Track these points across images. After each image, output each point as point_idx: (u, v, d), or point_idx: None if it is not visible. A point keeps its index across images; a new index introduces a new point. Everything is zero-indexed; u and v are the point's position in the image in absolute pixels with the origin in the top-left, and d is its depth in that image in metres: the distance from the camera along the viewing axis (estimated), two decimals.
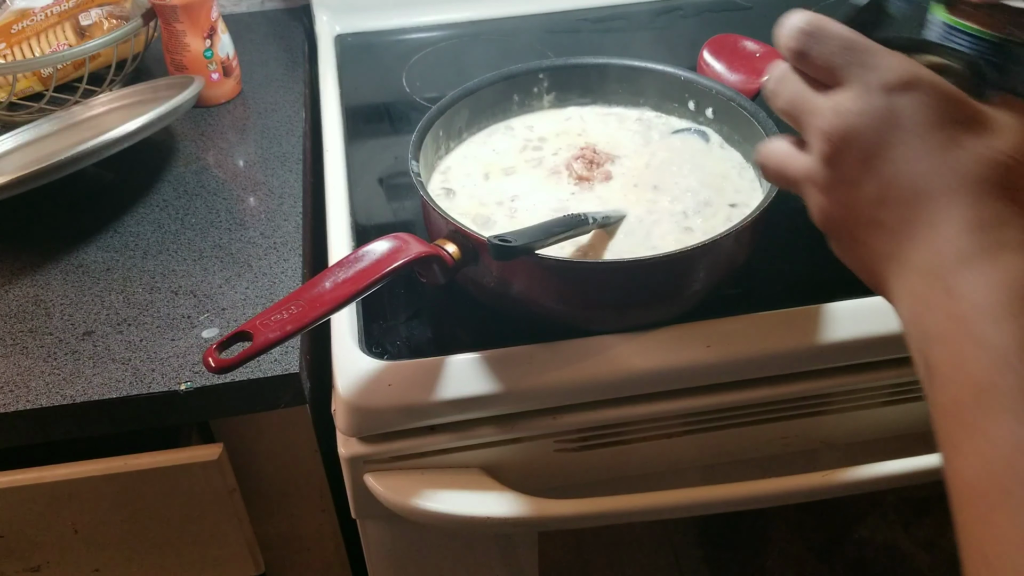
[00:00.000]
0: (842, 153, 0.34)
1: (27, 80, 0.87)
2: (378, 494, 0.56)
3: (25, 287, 0.67)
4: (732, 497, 0.58)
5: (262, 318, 0.45)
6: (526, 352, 0.56)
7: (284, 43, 1.01)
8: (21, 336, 0.62)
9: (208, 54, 0.86)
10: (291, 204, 0.74)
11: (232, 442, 0.63)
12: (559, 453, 0.59)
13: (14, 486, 0.59)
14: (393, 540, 0.64)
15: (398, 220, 0.70)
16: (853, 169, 0.34)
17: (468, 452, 0.57)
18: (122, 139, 0.67)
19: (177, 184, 0.78)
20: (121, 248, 0.70)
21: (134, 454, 0.60)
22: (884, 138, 0.33)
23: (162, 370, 0.59)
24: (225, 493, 0.62)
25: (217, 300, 0.64)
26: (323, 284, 0.47)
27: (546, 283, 0.55)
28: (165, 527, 0.63)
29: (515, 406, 0.56)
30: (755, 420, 0.60)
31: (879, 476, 0.60)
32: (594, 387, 0.56)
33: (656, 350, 0.56)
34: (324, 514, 0.71)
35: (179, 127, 0.86)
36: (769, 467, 0.64)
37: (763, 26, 0.70)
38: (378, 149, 0.79)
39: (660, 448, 0.60)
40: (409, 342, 0.58)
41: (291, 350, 0.60)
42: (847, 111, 0.34)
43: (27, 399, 0.57)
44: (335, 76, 0.90)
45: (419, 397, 0.54)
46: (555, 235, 0.53)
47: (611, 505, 0.57)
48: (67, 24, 0.91)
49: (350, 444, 0.56)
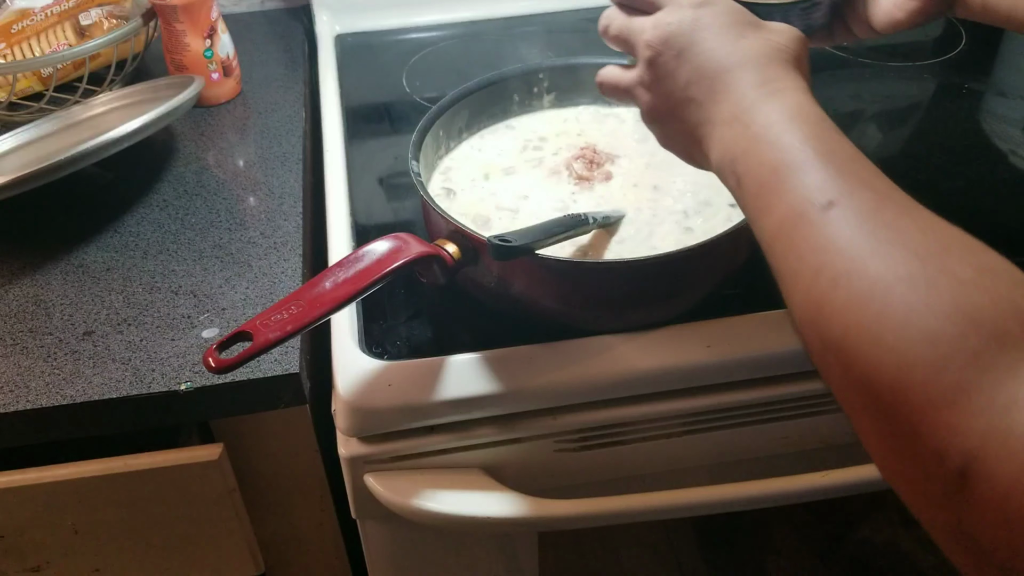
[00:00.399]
0: (662, 54, 0.45)
1: (27, 80, 0.87)
2: (378, 494, 0.56)
3: (25, 287, 0.67)
4: (732, 497, 0.58)
5: (262, 318, 0.45)
6: (526, 352, 0.56)
7: (284, 43, 1.01)
8: (21, 336, 0.62)
9: (208, 54, 0.86)
10: (291, 204, 0.74)
11: (232, 442, 0.63)
12: (559, 453, 0.59)
13: (14, 486, 0.59)
14: (393, 540, 0.63)
15: (398, 220, 0.70)
16: (671, 63, 0.45)
17: (468, 452, 0.57)
18: (122, 139, 0.67)
19: (177, 184, 0.78)
20: (121, 248, 0.70)
21: (134, 454, 0.60)
22: (692, 37, 0.44)
23: (162, 370, 0.59)
24: (225, 493, 0.62)
25: (217, 300, 0.64)
26: (323, 284, 0.47)
27: (546, 283, 0.55)
28: (165, 527, 0.63)
29: (515, 406, 0.56)
30: (755, 420, 0.60)
31: (879, 476, 0.59)
32: (594, 387, 0.56)
33: (656, 350, 0.56)
34: (324, 514, 0.71)
35: (179, 127, 0.86)
36: (769, 467, 0.64)
37: None
38: (378, 149, 0.79)
39: (660, 448, 0.60)
40: (409, 342, 0.58)
41: (291, 350, 0.60)
42: (665, 23, 0.45)
43: (27, 399, 0.57)
44: (335, 76, 0.90)
45: (419, 397, 0.54)
46: (555, 235, 0.53)
47: (611, 505, 0.57)
48: (67, 24, 0.91)
49: (350, 444, 0.56)
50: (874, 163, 0.37)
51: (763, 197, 0.38)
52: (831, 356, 0.33)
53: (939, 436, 0.29)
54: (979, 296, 0.30)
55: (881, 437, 0.32)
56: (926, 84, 0.88)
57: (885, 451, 0.32)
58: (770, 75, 0.42)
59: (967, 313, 0.30)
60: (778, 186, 0.38)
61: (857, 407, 0.32)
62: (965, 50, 0.92)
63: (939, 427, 0.29)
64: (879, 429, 0.32)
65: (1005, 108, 0.84)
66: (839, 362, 0.33)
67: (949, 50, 0.92)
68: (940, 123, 0.81)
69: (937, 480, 0.29)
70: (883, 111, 0.83)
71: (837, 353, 0.33)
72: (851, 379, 0.32)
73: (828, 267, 0.34)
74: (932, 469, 0.29)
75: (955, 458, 0.28)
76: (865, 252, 0.33)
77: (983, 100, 0.85)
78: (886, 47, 0.94)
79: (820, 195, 0.36)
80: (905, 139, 0.79)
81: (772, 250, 0.38)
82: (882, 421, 0.31)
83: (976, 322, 0.30)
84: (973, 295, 0.30)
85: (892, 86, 0.87)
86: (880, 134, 0.79)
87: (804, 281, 0.35)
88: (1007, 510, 0.27)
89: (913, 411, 0.30)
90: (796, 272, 0.35)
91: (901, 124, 0.81)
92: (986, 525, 0.28)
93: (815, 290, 0.34)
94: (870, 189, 0.36)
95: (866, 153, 0.38)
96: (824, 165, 0.37)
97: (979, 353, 0.29)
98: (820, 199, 0.36)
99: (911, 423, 0.30)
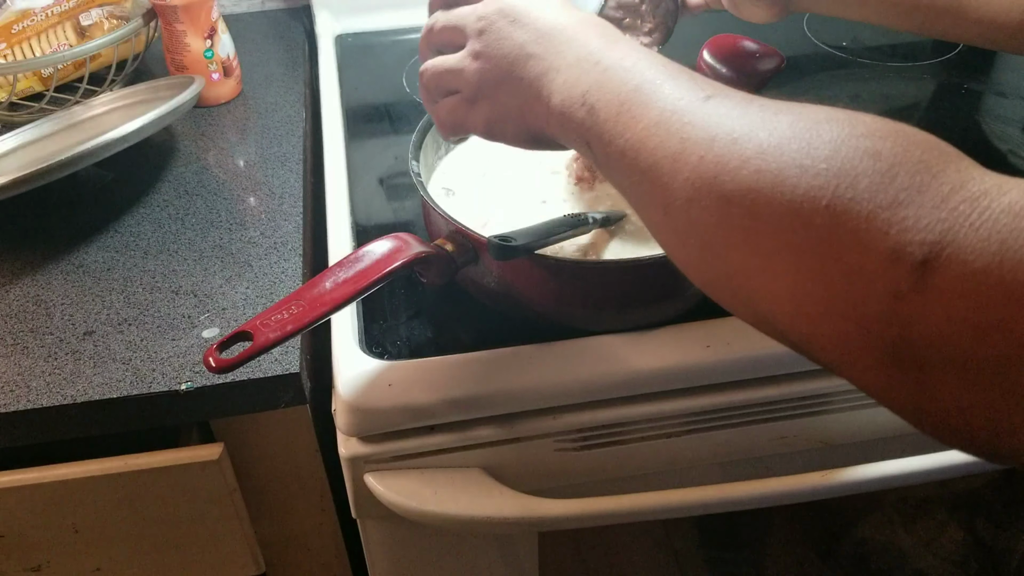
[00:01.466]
0: (495, 22, 0.46)
1: (27, 80, 0.87)
2: (378, 494, 0.56)
3: (26, 287, 0.67)
4: (732, 497, 0.58)
5: (262, 318, 0.45)
6: (526, 352, 0.56)
7: (284, 43, 1.01)
8: (22, 336, 0.62)
9: (208, 54, 0.86)
10: (291, 204, 0.74)
11: (232, 442, 0.63)
12: (559, 453, 0.59)
13: (14, 486, 0.59)
14: (393, 540, 0.64)
15: (398, 220, 0.70)
16: (505, 28, 0.45)
17: (468, 452, 0.57)
18: (122, 139, 0.67)
19: (177, 184, 0.78)
20: (122, 248, 0.70)
21: (134, 454, 0.60)
22: (527, 7, 0.46)
23: (163, 370, 0.59)
24: (225, 493, 0.62)
25: (217, 300, 0.64)
26: (323, 284, 0.47)
27: (546, 283, 0.55)
28: (166, 527, 0.63)
29: (515, 406, 0.56)
30: (755, 420, 0.60)
31: (879, 476, 0.60)
32: (594, 387, 0.56)
33: (656, 350, 0.56)
34: (324, 514, 0.71)
35: (179, 127, 0.86)
36: (769, 467, 0.64)
37: (763, 26, 0.71)
38: (378, 149, 0.79)
39: (660, 448, 0.60)
40: (409, 342, 0.58)
41: (291, 350, 0.60)
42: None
43: (27, 399, 0.57)
44: (335, 76, 0.90)
45: (419, 397, 0.54)
46: (555, 235, 0.53)
47: (611, 505, 0.57)
48: (68, 24, 0.91)
49: (350, 444, 0.56)
50: None
51: (625, 113, 0.38)
52: (735, 209, 0.33)
53: (893, 235, 0.28)
54: (896, 125, 0.31)
55: (806, 271, 0.31)
56: (925, 84, 0.88)
57: (809, 286, 0.31)
58: (609, 33, 0.44)
59: (897, 131, 0.31)
60: (644, 98, 0.38)
61: (771, 251, 0.32)
62: (964, 50, 0.92)
63: (892, 226, 0.28)
64: (806, 261, 0.31)
65: (1004, 108, 0.84)
66: (748, 211, 0.32)
67: (949, 50, 0.93)
68: (939, 123, 0.81)
69: (886, 284, 0.28)
70: (883, 111, 0.82)
71: (746, 202, 0.32)
72: (767, 221, 0.32)
73: (724, 133, 0.34)
74: (881, 272, 0.29)
75: (915, 251, 0.28)
76: (766, 116, 0.34)
77: (982, 100, 0.85)
78: (886, 47, 0.94)
79: (697, 92, 0.37)
80: None
81: (639, 154, 0.37)
82: (812, 248, 0.30)
83: (911, 138, 0.31)
84: (891, 124, 0.31)
85: (892, 86, 0.87)
86: None
87: (694, 155, 0.34)
88: (982, 289, 0.26)
89: (860, 220, 0.29)
90: (680, 152, 0.35)
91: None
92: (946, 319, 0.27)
93: (711, 155, 0.34)
94: (740, 93, 0.37)
95: None
96: (689, 76, 0.38)
97: (927, 161, 0.30)
98: (699, 94, 0.37)
99: (856, 234, 0.29)
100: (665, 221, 0.37)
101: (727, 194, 0.33)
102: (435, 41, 0.50)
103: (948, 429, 0.29)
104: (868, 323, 0.29)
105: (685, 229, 0.36)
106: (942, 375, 0.28)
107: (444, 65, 0.48)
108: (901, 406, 0.30)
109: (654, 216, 0.38)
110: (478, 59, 0.46)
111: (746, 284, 0.34)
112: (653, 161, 0.36)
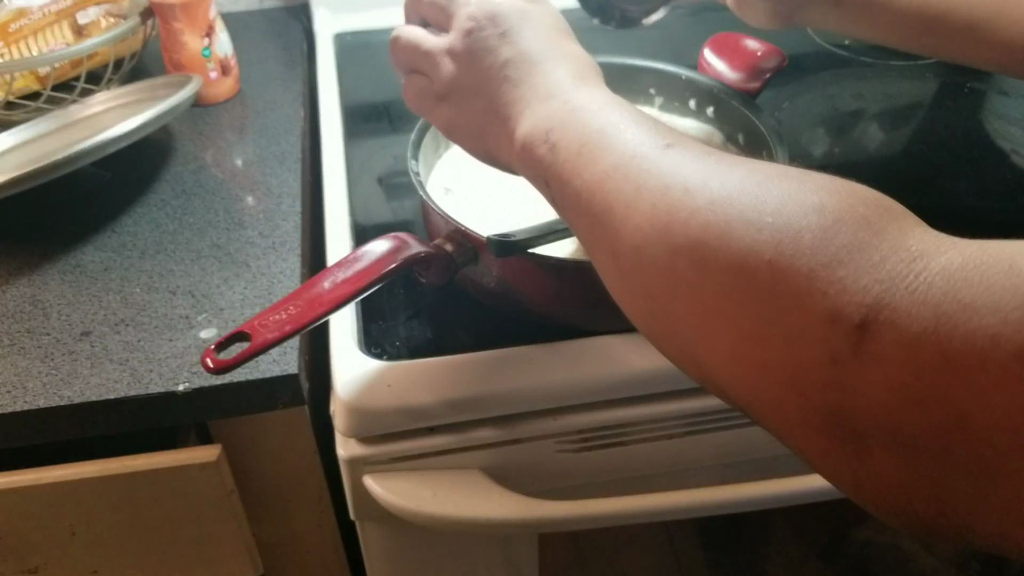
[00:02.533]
0: (485, 28, 0.45)
1: (24, 79, 0.87)
2: (377, 496, 0.56)
3: (22, 287, 0.66)
4: (733, 498, 0.58)
5: (260, 318, 0.45)
6: (526, 352, 0.56)
7: (282, 42, 1.01)
8: (18, 336, 0.62)
9: (206, 53, 0.85)
10: (290, 204, 0.74)
11: (231, 443, 0.63)
12: (559, 454, 0.59)
13: (12, 487, 0.58)
14: (392, 542, 0.63)
15: (397, 220, 0.70)
16: (492, 39, 0.45)
17: (468, 453, 0.57)
18: (120, 138, 0.67)
19: (175, 183, 0.77)
20: (119, 248, 0.70)
21: (132, 455, 0.60)
22: (520, 24, 0.45)
23: (160, 371, 0.58)
24: (223, 494, 0.62)
25: (215, 300, 0.64)
26: (322, 284, 0.47)
27: (546, 283, 0.54)
28: (163, 528, 0.63)
29: (515, 407, 0.56)
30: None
31: None
32: (594, 388, 0.56)
33: (656, 351, 0.56)
34: (323, 515, 0.71)
35: (177, 126, 0.85)
36: (770, 468, 0.64)
37: None
38: (377, 148, 0.79)
39: (661, 449, 0.60)
40: (408, 343, 0.58)
41: (290, 351, 0.60)
42: (495, 2, 0.46)
43: (24, 400, 0.57)
44: (334, 75, 0.89)
45: (418, 398, 0.54)
46: (555, 232, 0.53)
47: (611, 507, 0.57)
48: (65, 23, 0.91)
49: (349, 445, 0.56)
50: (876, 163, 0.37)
51: (586, 154, 0.38)
52: (682, 261, 0.32)
53: (832, 296, 0.27)
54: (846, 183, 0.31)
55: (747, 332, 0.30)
56: (928, 83, 0.88)
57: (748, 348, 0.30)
58: (586, 74, 0.44)
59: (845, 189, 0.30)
60: (607, 141, 0.38)
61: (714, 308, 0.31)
62: None
63: (832, 286, 0.27)
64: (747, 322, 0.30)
65: (1007, 107, 0.83)
66: (694, 263, 0.32)
67: None
68: (942, 122, 0.81)
69: (824, 348, 0.27)
70: (885, 110, 0.83)
71: (693, 254, 0.32)
72: (711, 274, 0.31)
73: (679, 183, 0.34)
74: (820, 336, 0.27)
75: (852, 313, 0.27)
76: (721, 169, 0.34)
77: (985, 99, 0.85)
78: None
79: (658, 139, 0.37)
80: (907, 138, 0.79)
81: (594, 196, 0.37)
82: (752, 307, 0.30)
83: (857, 195, 0.30)
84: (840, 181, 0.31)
85: (894, 85, 0.87)
86: (882, 133, 0.79)
87: (646, 203, 0.34)
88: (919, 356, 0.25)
89: (800, 278, 0.28)
90: (633, 199, 0.35)
91: (903, 123, 0.81)
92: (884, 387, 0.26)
93: (663, 203, 0.33)
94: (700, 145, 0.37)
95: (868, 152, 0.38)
96: (652, 124, 0.38)
97: (869, 218, 0.29)
98: (659, 142, 0.37)
99: (796, 293, 0.28)
100: (614, 267, 0.36)
101: (675, 245, 0.32)
102: (422, 11, 0.50)
103: (888, 507, 0.28)
104: (806, 389, 0.28)
105: (632, 277, 0.35)
106: (881, 447, 0.27)
107: (421, 45, 0.48)
108: (840, 479, 0.29)
109: (603, 260, 0.37)
110: (456, 61, 0.46)
111: (691, 340, 0.33)
112: (607, 205, 0.36)
